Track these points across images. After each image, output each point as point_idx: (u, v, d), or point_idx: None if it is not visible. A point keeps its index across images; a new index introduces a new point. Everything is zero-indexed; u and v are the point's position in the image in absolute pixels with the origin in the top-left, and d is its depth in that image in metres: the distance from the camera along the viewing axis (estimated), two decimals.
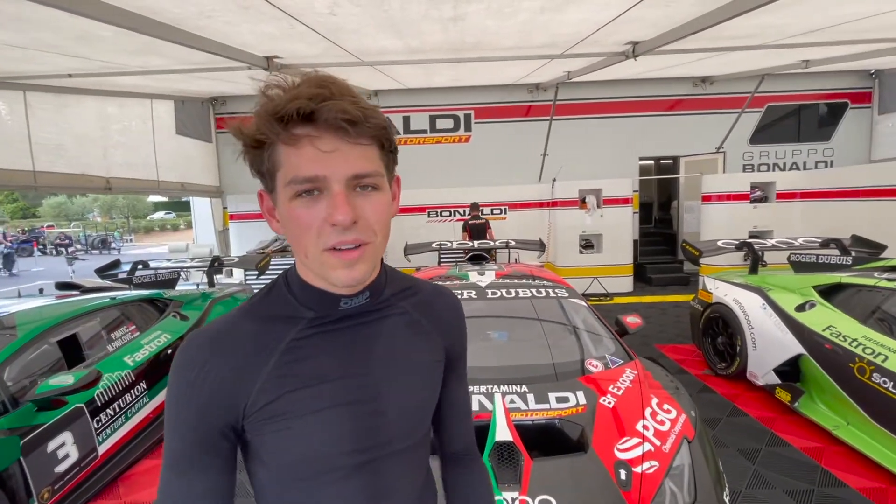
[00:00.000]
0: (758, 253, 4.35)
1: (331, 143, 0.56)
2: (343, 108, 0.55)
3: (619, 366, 2.44)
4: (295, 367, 0.63)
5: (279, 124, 0.55)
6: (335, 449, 0.64)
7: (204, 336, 0.64)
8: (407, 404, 0.70)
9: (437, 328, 0.77)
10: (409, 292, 0.76)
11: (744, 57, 5.96)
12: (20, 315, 2.85)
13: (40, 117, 5.13)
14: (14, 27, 2.80)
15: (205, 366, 0.60)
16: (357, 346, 0.67)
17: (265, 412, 0.61)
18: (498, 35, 4.17)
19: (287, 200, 0.58)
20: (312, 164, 0.56)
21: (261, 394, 0.61)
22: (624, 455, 1.82)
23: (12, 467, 2.19)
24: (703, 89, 8.52)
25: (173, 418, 0.61)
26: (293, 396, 0.62)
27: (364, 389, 0.66)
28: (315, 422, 0.62)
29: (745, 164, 8.70)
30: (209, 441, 0.61)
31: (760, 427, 3.19)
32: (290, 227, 0.60)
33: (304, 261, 0.62)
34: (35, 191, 5.05)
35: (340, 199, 0.56)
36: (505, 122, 8.77)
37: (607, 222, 7.77)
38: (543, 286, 3.13)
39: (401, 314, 0.73)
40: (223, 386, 0.60)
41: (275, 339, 0.64)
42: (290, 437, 0.62)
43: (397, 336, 0.71)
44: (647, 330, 5.58)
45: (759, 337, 3.60)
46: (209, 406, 0.60)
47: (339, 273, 0.60)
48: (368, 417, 0.66)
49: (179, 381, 0.61)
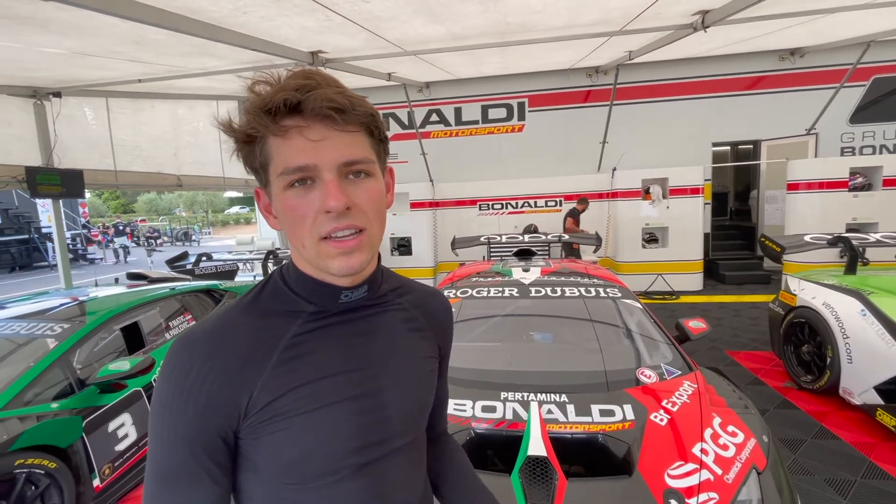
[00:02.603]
0: (857, 249, 3.73)
1: (319, 132, 0.56)
2: (329, 97, 0.56)
3: (676, 377, 2.15)
4: (298, 362, 0.61)
5: (268, 117, 0.56)
6: (337, 447, 0.62)
7: (199, 335, 0.60)
8: (408, 399, 0.70)
9: (431, 326, 0.77)
10: (404, 290, 0.77)
11: (844, 21, 5.12)
12: (91, 303, 3.10)
13: (120, 121, 5.63)
14: (76, 34, 3.04)
15: (203, 365, 0.57)
16: (358, 340, 0.67)
17: (268, 410, 0.59)
18: (543, 14, 3.88)
19: (280, 192, 0.58)
20: (302, 154, 0.56)
21: (263, 391, 0.59)
22: (676, 483, 1.58)
23: (76, 444, 2.36)
24: (792, 63, 7.53)
25: (168, 422, 0.57)
26: (297, 393, 0.60)
27: (366, 383, 0.65)
28: (317, 419, 0.60)
29: (844, 147, 7.60)
30: (208, 446, 0.58)
31: (856, 454, 2.72)
32: (285, 218, 0.60)
33: (301, 252, 0.62)
34: (116, 188, 5.55)
35: (332, 185, 0.57)
36: (561, 109, 8.35)
37: (674, 214, 7.16)
38: (593, 284, 2.87)
39: (399, 310, 0.73)
40: (223, 386, 0.58)
41: (275, 334, 0.62)
42: (290, 437, 0.59)
43: (396, 330, 0.71)
44: (717, 333, 5.06)
45: (857, 348, 3.08)
46: (208, 408, 0.57)
47: (336, 262, 0.59)
48: (371, 413, 0.65)
49: (173, 383, 0.57)
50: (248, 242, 9.70)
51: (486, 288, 2.91)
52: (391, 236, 8.02)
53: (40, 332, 2.67)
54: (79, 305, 3.07)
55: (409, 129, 8.49)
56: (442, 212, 8.29)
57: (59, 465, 2.24)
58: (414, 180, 8.09)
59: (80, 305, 3.06)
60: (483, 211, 8.21)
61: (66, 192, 4.94)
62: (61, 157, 5.03)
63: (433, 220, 8.17)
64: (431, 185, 8.08)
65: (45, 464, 2.18)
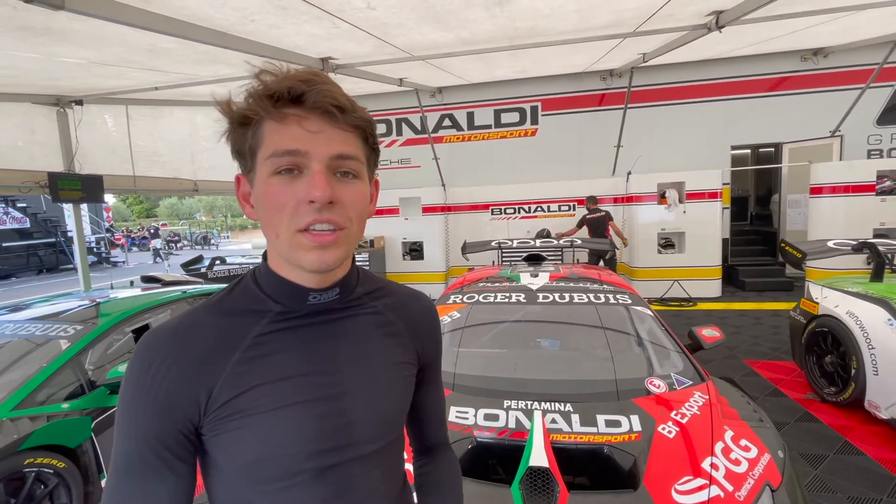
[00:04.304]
0: (884, 256, 3.57)
1: (317, 124, 0.57)
2: (333, 95, 0.57)
3: (686, 387, 2.07)
4: (259, 362, 0.61)
5: (269, 101, 0.57)
6: (295, 449, 0.61)
7: (164, 331, 0.61)
8: (375, 405, 0.67)
9: (409, 331, 0.75)
10: (381, 293, 0.75)
11: (868, 19, 4.94)
12: (104, 306, 3.17)
13: (139, 128, 5.79)
14: (91, 45, 3.13)
15: (165, 360, 0.58)
16: (324, 342, 0.65)
17: (227, 408, 0.59)
18: (552, 18, 3.84)
19: (265, 177, 0.58)
20: (295, 140, 0.57)
21: (223, 389, 0.59)
22: (684, 499, 1.51)
23: (85, 444, 2.40)
24: (815, 63, 7.30)
25: (130, 417, 0.58)
26: (255, 392, 0.60)
27: (329, 387, 0.64)
28: (276, 419, 0.60)
29: (871, 150, 7.32)
30: (169, 440, 0.58)
31: (881, 471, 2.58)
32: (264, 206, 0.59)
33: (273, 244, 0.61)
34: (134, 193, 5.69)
35: (320, 176, 0.57)
36: (575, 112, 8.26)
37: (690, 218, 7.00)
38: (602, 290, 2.81)
39: (372, 313, 0.72)
40: (185, 381, 0.58)
41: (239, 333, 0.62)
42: (249, 436, 0.59)
43: (368, 335, 0.70)
44: (735, 341, 4.90)
45: (884, 359, 2.93)
46: (168, 403, 0.57)
47: (309, 255, 0.58)
48: (332, 417, 0.63)
49: (138, 377, 0.58)
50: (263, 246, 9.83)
51: (493, 293, 2.87)
52: (403, 240, 8.03)
53: (54, 333, 2.73)
54: (93, 307, 3.13)
55: (422, 134, 8.51)
56: (454, 216, 8.27)
57: (68, 465, 2.28)
58: (426, 185, 8.10)
59: (93, 307, 3.13)
60: (495, 216, 8.16)
61: (87, 196, 5.09)
62: (82, 163, 5.19)
63: (445, 224, 8.16)
64: (444, 189, 8.07)
65: (55, 463, 2.22)
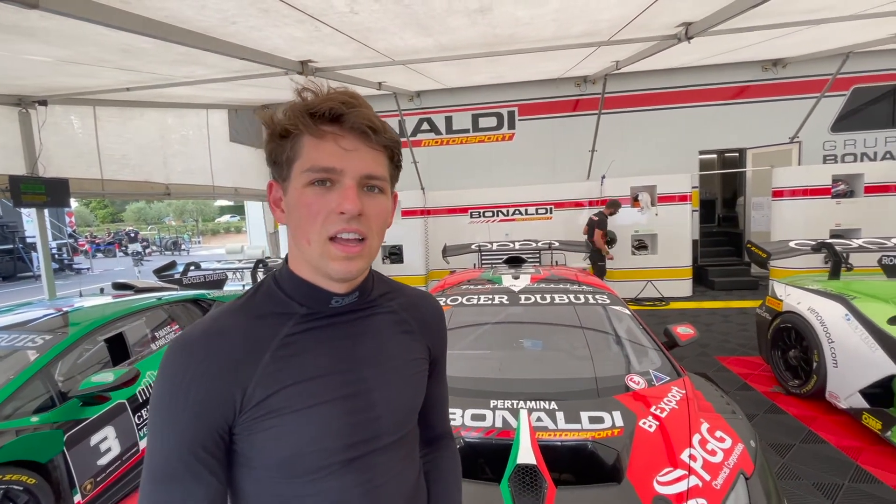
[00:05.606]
0: (840, 255, 3.80)
1: (352, 143, 0.63)
2: (368, 117, 0.63)
3: (664, 383, 2.16)
4: (289, 361, 0.64)
5: (310, 118, 0.62)
6: (327, 444, 0.64)
7: (196, 335, 0.63)
8: (398, 398, 0.72)
9: (421, 329, 0.80)
10: (394, 294, 0.80)
11: (824, 33, 5.26)
12: (74, 314, 3.04)
13: (108, 129, 5.57)
14: (63, 43, 3.01)
15: (202, 363, 0.60)
16: (347, 342, 0.69)
17: (262, 407, 0.61)
18: (531, 26, 3.94)
19: (300, 187, 0.63)
20: (332, 157, 0.62)
21: (257, 388, 0.61)
22: (665, 489, 1.58)
23: (56, 459, 2.30)
24: (775, 73, 7.70)
25: (167, 421, 0.60)
26: (288, 391, 0.63)
27: (355, 384, 0.68)
28: (309, 416, 0.63)
29: (826, 155, 7.76)
30: (206, 443, 0.60)
31: (843, 458, 2.74)
32: (297, 213, 0.64)
33: (304, 248, 0.64)
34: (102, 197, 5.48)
35: (352, 191, 0.62)
36: (551, 118, 8.43)
37: (662, 221, 7.24)
38: (582, 291, 2.88)
39: (388, 312, 0.76)
40: (219, 383, 0.60)
41: (268, 334, 0.65)
42: (283, 434, 0.62)
43: (385, 333, 0.74)
44: (706, 339, 5.10)
45: (842, 353, 3.12)
46: (205, 405, 0.59)
47: (337, 264, 0.63)
48: (359, 412, 0.67)
49: (171, 382, 0.60)
50: (237, 251, 9.62)
51: (476, 295, 2.91)
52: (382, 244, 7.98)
53: (21, 343, 2.60)
54: (61, 316, 3.01)
55: (401, 138, 8.50)
56: (433, 220, 8.30)
57: (39, 481, 2.17)
58: (405, 188, 8.10)
59: (62, 316, 3.00)
60: (474, 219, 8.22)
61: (51, 201, 4.87)
62: (46, 166, 4.96)
63: (424, 227, 8.17)
64: (423, 193, 8.10)
65: (24, 479, 2.12)
